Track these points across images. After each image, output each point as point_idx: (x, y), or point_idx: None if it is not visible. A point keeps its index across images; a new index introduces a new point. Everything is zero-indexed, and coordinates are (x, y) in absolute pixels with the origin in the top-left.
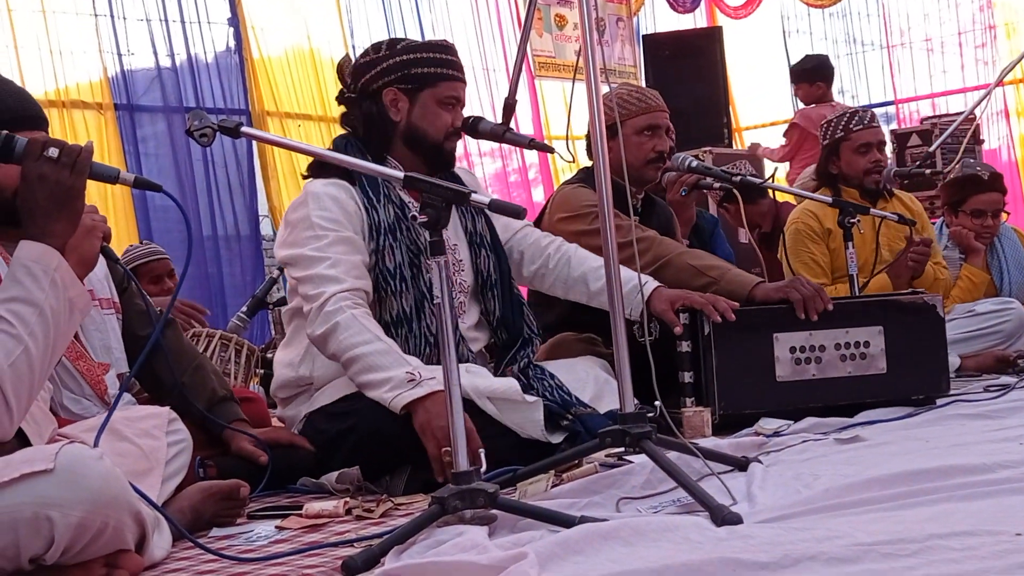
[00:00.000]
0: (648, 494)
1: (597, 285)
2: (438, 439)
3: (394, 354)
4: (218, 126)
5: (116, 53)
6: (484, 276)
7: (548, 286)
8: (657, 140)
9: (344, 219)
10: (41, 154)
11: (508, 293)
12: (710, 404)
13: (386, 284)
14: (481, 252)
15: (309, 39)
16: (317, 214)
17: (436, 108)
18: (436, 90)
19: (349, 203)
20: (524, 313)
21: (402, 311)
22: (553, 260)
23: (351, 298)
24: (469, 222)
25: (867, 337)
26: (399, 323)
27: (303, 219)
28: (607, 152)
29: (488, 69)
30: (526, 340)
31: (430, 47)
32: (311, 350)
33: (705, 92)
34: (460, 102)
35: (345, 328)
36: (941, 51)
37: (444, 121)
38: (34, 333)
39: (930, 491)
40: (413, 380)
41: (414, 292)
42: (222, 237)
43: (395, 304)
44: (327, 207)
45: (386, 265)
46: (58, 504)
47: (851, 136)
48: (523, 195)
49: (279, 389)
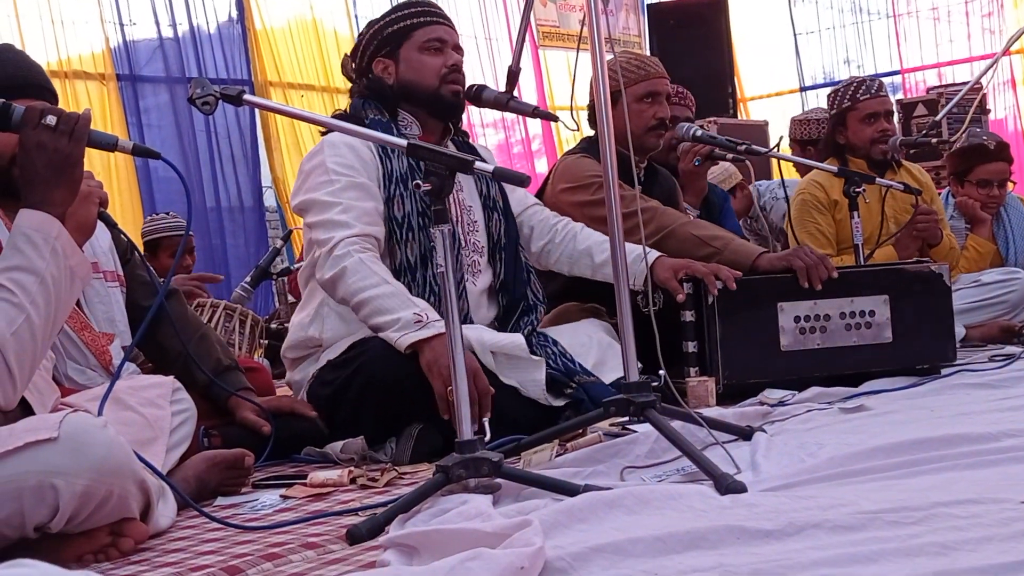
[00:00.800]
0: (652, 463)
1: (602, 257)
2: (444, 377)
3: (402, 296)
4: (220, 94)
5: (118, 23)
6: (495, 239)
7: (554, 261)
8: (658, 107)
9: (359, 166)
10: (39, 122)
11: (514, 258)
12: (714, 374)
13: (393, 232)
14: (494, 216)
15: (312, 9)
16: (332, 160)
17: (419, 56)
18: (412, 40)
19: (364, 151)
20: (531, 281)
21: (406, 260)
22: (560, 235)
23: (360, 242)
24: (484, 186)
25: (873, 306)
26: (402, 272)
27: (318, 166)
28: (612, 121)
29: (491, 39)
30: (529, 306)
31: (397, 8)
32: (321, 311)
33: (710, 62)
34: (446, 43)
35: (353, 272)
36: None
37: (431, 65)
38: (36, 302)
39: (935, 460)
40: (420, 321)
41: (421, 241)
42: (225, 208)
43: (399, 253)
44: (342, 154)
45: (394, 214)
46: (63, 472)
47: (858, 105)
48: (527, 166)
49: (289, 349)
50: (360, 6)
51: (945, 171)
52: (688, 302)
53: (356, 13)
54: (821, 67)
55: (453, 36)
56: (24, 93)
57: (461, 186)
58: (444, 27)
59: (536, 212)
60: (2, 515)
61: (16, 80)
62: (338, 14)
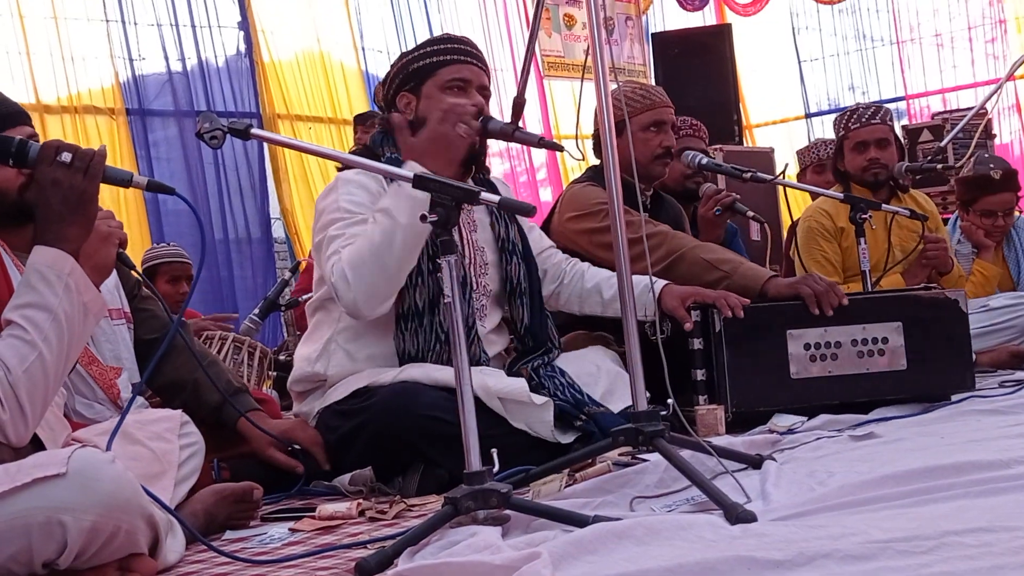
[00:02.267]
0: (662, 493)
1: (610, 293)
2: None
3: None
4: (228, 128)
5: (127, 58)
6: (513, 283)
7: (564, 302)
8: (663, 136)
9: (370, 202)
10: (54, 159)
11: (538, 303)
12: (723, 402)
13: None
14: (513, 259)
15: (319, 42)
16: (345, 199)
17: (440, 95)
18: (436, 78)
19: (375, 187)
20: (548, 326)
21: (414, 305)
22: (568, 276)
23: None
24: (502, 229)
25: (885, 333)
26: (410, 316)
27: (331, 203)
28: (616, 150)
29: (496, 69)
30: (547, 350)
31: (428, 42)
32: (328, 347)
33: (715, 90)
34: (470, 83)
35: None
36: (951, 46)
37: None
38: (48, 339)
39: (946, 487)
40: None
41: (429, 287)
42: (233, 240)
43: (407, 297)
44: (354, 192)
45: None
46: (71, 508)
47: (850, 134)
48: (532, 195)
49: (295, 383)
50: (368, 39)
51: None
52: (696, 329)
53: (363, 45)
54: (826, 94)
55: (479, 76)
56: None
57: (475, 227)
58: (471, 67)
59: (551, 255)
60: (10, 551)
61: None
62: (345, 47)
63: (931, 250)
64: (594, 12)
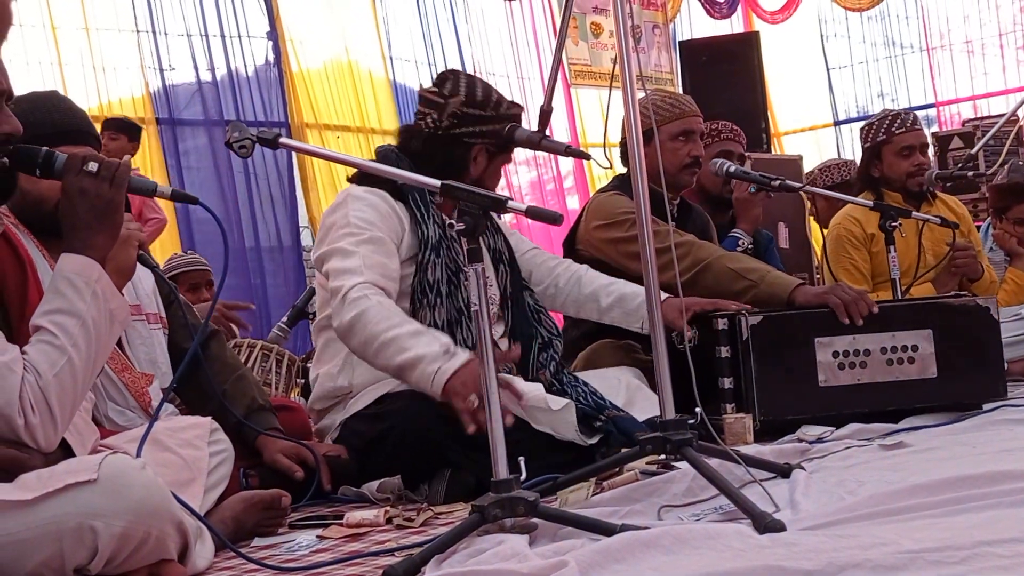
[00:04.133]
0: (690, 502)
1: (608, 301)
2: (460, 392)
3: (427, 334)
4: (257, 137)
5: (158, 68)
6: (502, 290)
7: (559, 305)
8: (692, 145)
9: (379, 222)
10: (81, 169)
11: (520, 306)
12: (751, 410)
13: (423, 296)
14: (499, 267)
15: (347, 51)
16: (355, 214)
17: (499, 171)
18: (506, 155)
19: (385, 208)
20: (542, 319)
21: (433, 323)
22: (563, 279)
23: (374, 287)
24: (490, 238)
25: (915, 341)
26: None
27: (340, 218)
28: (644, 158)
29: (523, 78)
30: (545, 343)
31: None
32: (350, 359)
33: (743, 97)
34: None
35: (371, 315)
36: (982, 53)
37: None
38: (77, 344)
39: (978, 497)
40: (448, 352)
41: (448, 308)
42: (264, 248)
43: (428, 316)
44: (363, 209)
45: (427, 277)
46: (102, 514)
47: (893, 139)
48: (559, 203)
49: (317, 401)
50: (395, 48)
51: (984, 204)
52: (723, 337)
53: (391, 55)
54: (855, 101)
55: None
56: (70, 139)
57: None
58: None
59: (534, 256)
60: (42, 557)
61: (62, 127)
62: (373, 56)
63: (960, 258)
64: (622, 21)
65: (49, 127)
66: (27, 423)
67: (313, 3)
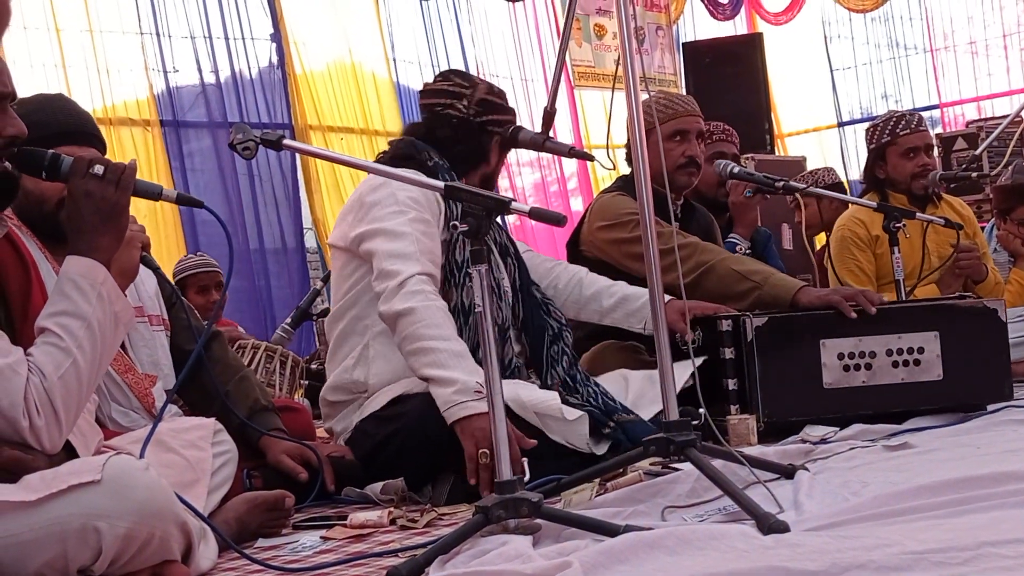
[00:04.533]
0: (693, 502)
1: (610, 302)
2: (476, 439)
3: (468, 360)
4: (260, 139)
5: (162, 70)
6: (512, 283)
7: (560, 304)
8: (687, 145)
9: (424, 201)
10: (87, 171)
11: (530, 297)
12: (755, 411)
13: (452, 275)
14: (507, 261)
15: (351, 53)
16: (402, 192)
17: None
18: (506, 153)
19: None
20: (551, 310)
21: (461, 303)
22: (563, 280)
23: (431, 283)
24: (496, 232)
25: (921, 343)
26: (456, 314)
27: (387, 196)
28: (648, 160)
29: (526, 79)
30: (555, 335)
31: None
32: (366, 353)
33: (746, 99)
34: None
35: (424, 315)
36: (986, 54)
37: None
38: (82, 346)
39: (982, 498)
40: (480, 393)
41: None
42: (269, 250)
43: (455, 296)
44: (408, 188)
45: (455, 257)
46: (106, 515)
47: (898, 140)
48: (562, 205)
49: (330, 391)
50: (399, 50)
51: (988, 204)
52: (727, 338)
53: (395, 56)
54: (859, 102)
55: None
56: (74, 140)
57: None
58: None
59: (531, 258)
60: (46, 557)
61: (67, 127)
62: (377, 58)
63: (963, 259)
64: (625, 22)
65: (54, 128)
66: (32, 425)
67: (316, 5)
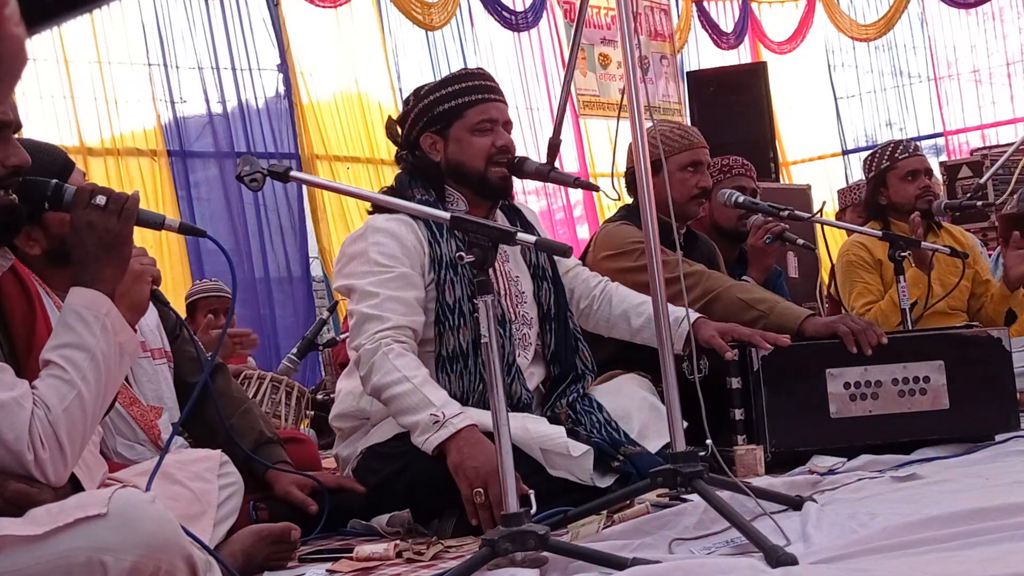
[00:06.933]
0: (701, 535)
1: (639, 321)
2: (470, 480)
3: (419, 394)
4: (267, 171)
5: (169, 101)
6: (544, 308)
7: (592, 325)
8: (700, 176)
9: (402, 254)
10: (89, 202)
11: (564, 327)
12: (762, 442)
13: (445, 319)
14: (543, 285)
15: (357, 83)
16: (375, 249)
17: (469, 137)
18: (464, 120)
19: (409, 237)
20: (580, 349)
21: (459, 346)
22: (597, 300)
23: (391, 335)
24: (532, 254)
25: (927, 372)
26: (455, 359)
27: (361, 252)
28: (652, 188)
29: (532, 108)
30: (578, 375)
31: (449, 81)
32: None
33: (751, 127)
34: (497, 121)
35: (378, 369)
36: (990, 82)
37: (480, 146)
38: (87, 378)
39: (992, 530)
40: (438, 422)
41: (473, 328)
42: (274, 279)
43: (452, 339)
44: (385, 242)
45: (446, 299)
46: (112, 548)
47: (897, 164)
48: (568, 233)
49: (337, 418)
50: (405, 79)
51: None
52: (734, 368)
53: (400, 86)
54: (863, 130)
55: (503, 112)
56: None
57: (508, 257)
58: (496, 103)
59: (579, 274)
60: None
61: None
62: (382, 87)
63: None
64: (629, 51)
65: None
66: (37, 458)
67: (323, 35)
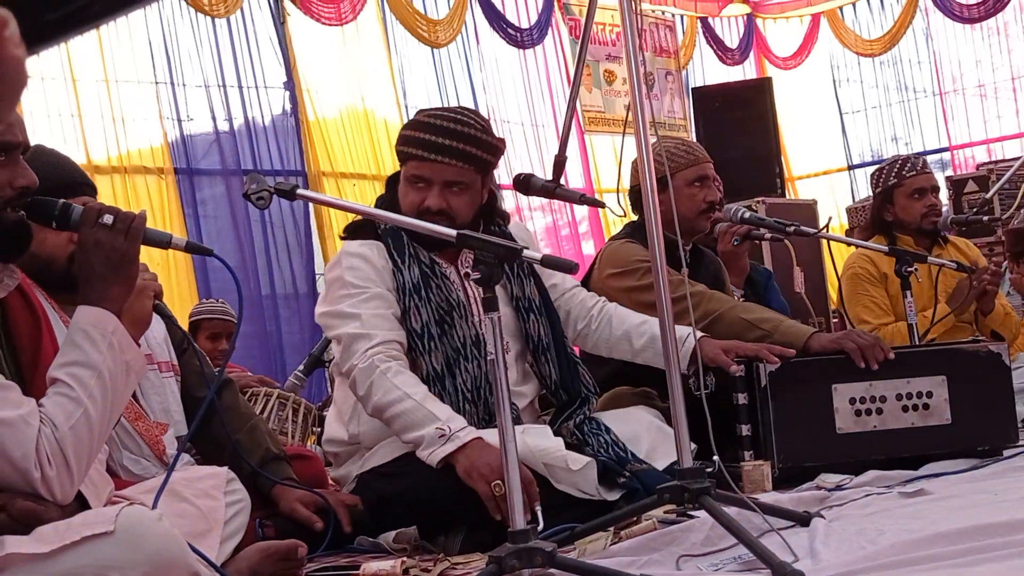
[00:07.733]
0: (708, 551)
1: (641, 342)
2: (485, 476)
3: (423, 410)
4: (274, 189)
5: (176, 119)
6: (535, 341)
7: (592, 346)
8: (707, 191)
9: (375, 276)
10: (96, 221)
11: (563, 356)
12: (769, 457)
13: (415, 344)
14: (530, 317)
15: (363, 100)
16: (349, 273)
17: (405, 186)
18: (405, 168)
19: (379, 260)
20: (580, 373)
21: (432, 370)
22: (596, 321)
23: (383, 351)
24: (516, 287)
25: (930, 387)
26: (431, 382)
27: (337, 279)
28: (658, 205)
29: (537, 125)
30: (584, 400)
31: (413, 124)
32: (358, 407)
33: (756, 143)
34: (431, 181)
35: (377, 388)
36: (995, 96)
37: (409, 200)
38: (93, 396)
39: (999, 546)
40: (444, 435)
41: (444, 350)
42: (280, 296)
43: (424, 364)
44: (358, 266)
45: (412, 326)
46: (119, 566)
47: (904, 182)
48: (574, 249)
49: (328, 443)
50: (411, 96)
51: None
52: (740, 384)
53: (406, 103)
54: (868, 145)
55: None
56: (69, 192)
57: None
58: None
59: (575, 295)
60: None
61: (59, 182)
62: (388, 104)
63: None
64: (635, 68)
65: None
66: (43, 476)
67: (329, 53)
